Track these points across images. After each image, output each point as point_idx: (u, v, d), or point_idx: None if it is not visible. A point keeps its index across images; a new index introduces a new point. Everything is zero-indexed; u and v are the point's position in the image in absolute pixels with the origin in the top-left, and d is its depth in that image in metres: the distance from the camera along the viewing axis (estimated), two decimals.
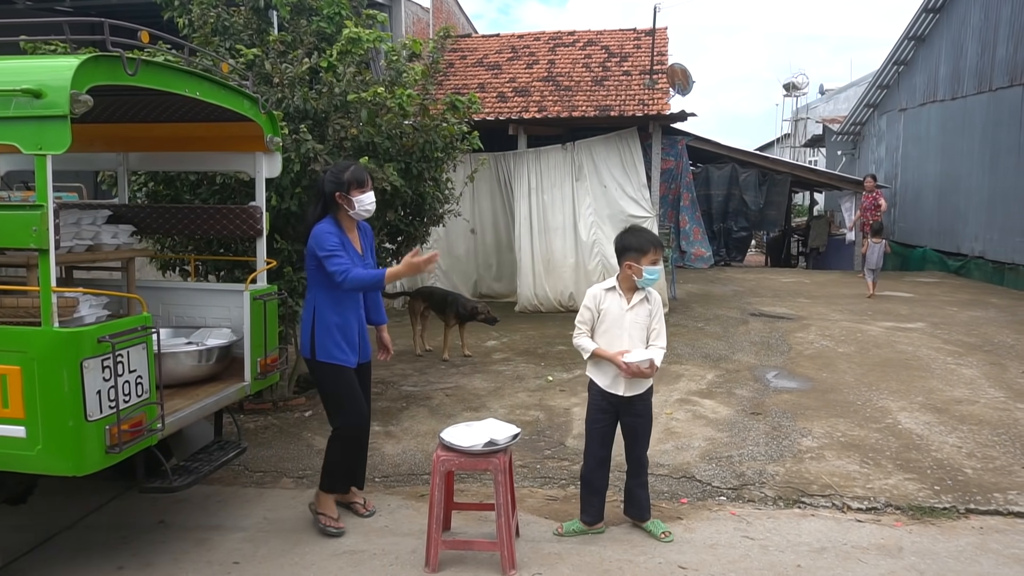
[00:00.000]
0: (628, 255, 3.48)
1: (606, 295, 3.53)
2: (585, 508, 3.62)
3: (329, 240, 3.46)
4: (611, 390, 3.52)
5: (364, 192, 3.57)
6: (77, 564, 3.30)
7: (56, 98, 2.55)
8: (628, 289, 3.53)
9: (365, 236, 3.79)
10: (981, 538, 3.56)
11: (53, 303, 2.69)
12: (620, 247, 3.53)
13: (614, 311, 3.51)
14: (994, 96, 13.24)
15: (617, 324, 3.50)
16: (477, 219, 10.50)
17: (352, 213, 3.58)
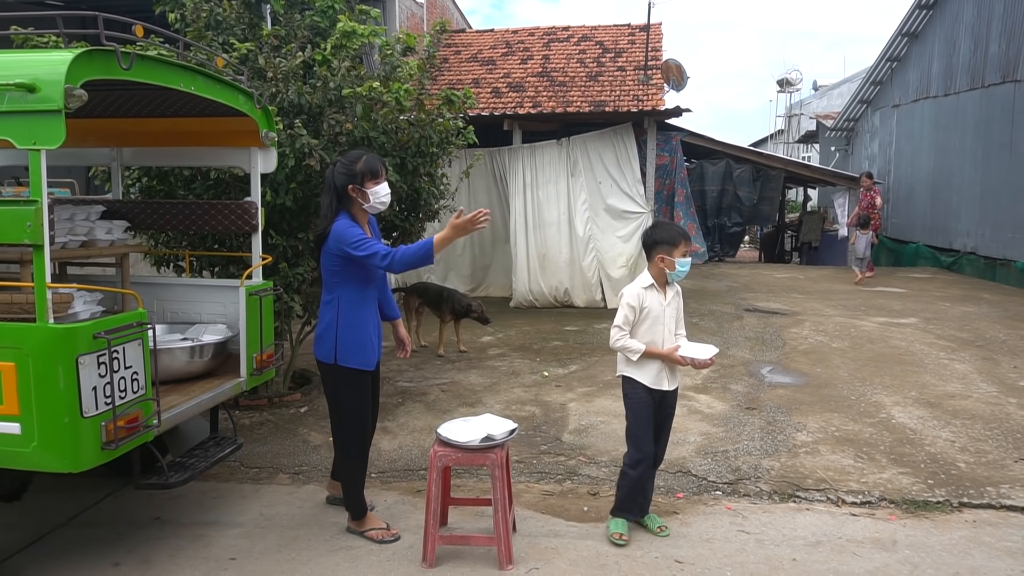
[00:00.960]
0: (660, 248, 3.45)
1: (646, 293, 3.47)
2: (630, 507, 3.56)
3: (352, 232, 3.22)
4: (656, 386, 3.49)
5: (379, 183, 3.34)
6: (73, 561, 3.29)
7: (50, 92, 2.53)
8: (662, 284, 3.51)
9: (374, 230, 3.61)
10: (974, 531, 3.58)
11: (48, 299, 2.68)
12: (651, 241, 3.49)
13: (655, 308, 3.48)
14: (986, 92, 13.30)
15: (659, 320, 3.48)
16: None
17: (367, 206, 3.35)
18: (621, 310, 3.48)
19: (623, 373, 3.55)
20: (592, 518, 3.74)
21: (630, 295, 3.48)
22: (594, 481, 4.20)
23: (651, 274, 3.51)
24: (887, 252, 17.31)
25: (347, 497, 3.51)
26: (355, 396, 3.43)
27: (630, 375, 3.52)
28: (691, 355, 3.42)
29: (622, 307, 3.48)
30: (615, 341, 3.48)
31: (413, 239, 6.17)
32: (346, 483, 3.52)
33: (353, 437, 3.48)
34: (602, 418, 5.24)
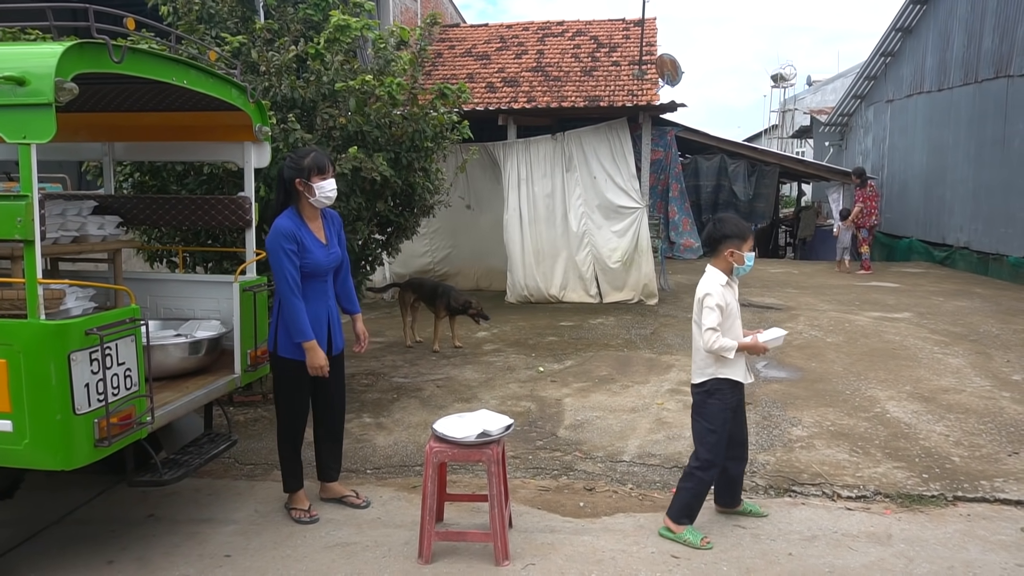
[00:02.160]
0: (729, 243, 3.41)
1: (725, 289, 3.43)
2: (696, 511, 3.49)
3: (283, 244, 3.40)
4: (744, 380, 3.51)
5: (325, 179, 3.49)
6: (66, 559, 3.27)
7: (40, 86, 2.49)
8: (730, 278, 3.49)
9: (331, 223, 3.70)
10: (968, 525, 3.60)
11: (39, 295, 2.65)
12: (719, 236, 3.44)
13: (732, 303, 3.45)
14: (980, 88, 13.33)
15: (734, 314, 3.47)
16: (473, 204, 10.52)
17: (312, 200, 3.50)
18: (711, 312, 3.34)
19: (713, 376, 3.43)
20: (588, 514, 3.74)
21: (716, 295, 3.37)
22: (590, 476, 4.20)
23: (720, 269, 3.47)
24: (880, 247, 17.37)
25: (282, 471, 3.75)
26: (289, 385, 3.60)
27: (722, 375, 3.43)
28: (772, 341, 3.47)
29: (711, 309, 3.35)
30: (713, 344, 3.33)
31: (408, 234, 6.16)
32: (280, 459, 3.73)
33: (285, 422, 3.67)
34: (598, 413, 5.24)
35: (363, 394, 5.72)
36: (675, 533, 3.44)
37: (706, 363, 3.45)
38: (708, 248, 3.53)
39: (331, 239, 3.67)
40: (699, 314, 3.44)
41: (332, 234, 3.69)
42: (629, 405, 5.41)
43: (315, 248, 3.53)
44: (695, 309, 3.49)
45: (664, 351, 7.03)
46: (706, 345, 3.36)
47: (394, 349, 7.20)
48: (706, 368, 3.45)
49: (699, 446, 3.48)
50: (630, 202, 9.55)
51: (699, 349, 3.47)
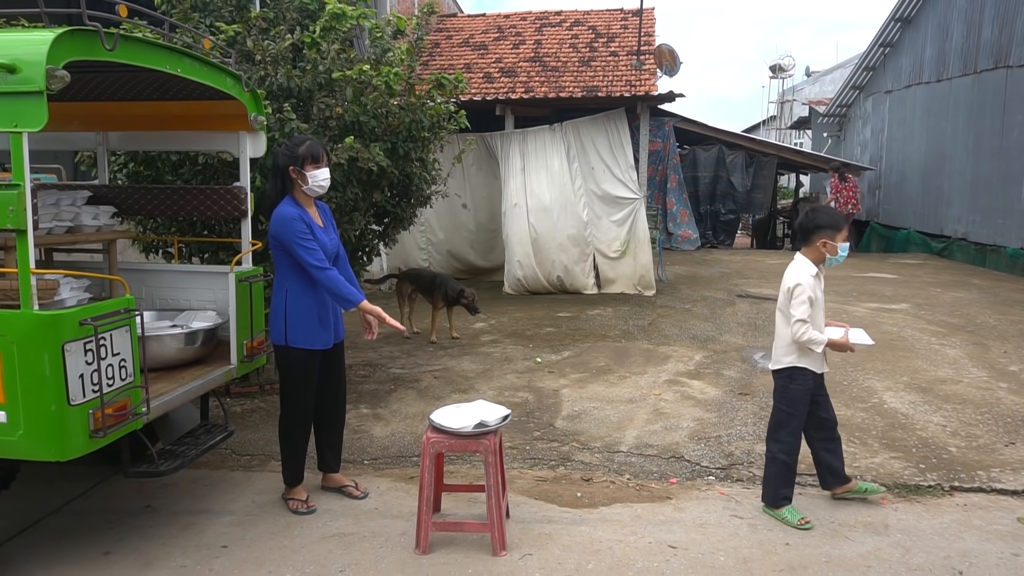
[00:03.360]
0: (823, 233, 3.42)
1: (815, 280, 3.43)
2: (789, 490, 3.57)
3: (297, 228, 3.40)
4: (820, 370, 3.53)
5: (319, 168, 3.49)
6: (62, 550, 3.27)
7: (31, 73, 2.46)
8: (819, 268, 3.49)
9: (323, 212, 3.72)
10: (965, 515, 3.60)
11: (32, 285, 2.63)
12: (812, 226, 3.45)
13: (819, 294, 3.46)
14: (979, 78, 13.30)
15: (820, 305, 3.47)
16: (469, 198, 10.51)
17: (306, 189, 3.50)
18: (801, 304, 3.36)
19: (792, 364, 3.47)
20: (585, 504, 3.74)
21: (807, 286, 3.39)
22: (587, 467, 4.20)
23: (811, 259, 3.48)
24: (878, 238, 17.38)
25: (282, 463, 3.73)
26: (300, 377, 3.59)
27: (801, 365, 3.47)
28: (860, 344, 3.49)
29: (801, 301, 3.36)
30: (801, 335, 3.36)
31: (405, 225, 6.13)
32: (282, 450, 3.71)
33: (292, 413, 3.65)
34: (595, 404, 5.23)
35: (360, 385, 5.71)
36: (775, 511, 3.55)
37: (787, 351, 3.49)
38: (800, 238, 3.54)
39: (328, 225, 3.68)
40: (786, 303, 3.46)
41: (327, 221, 3.71)
42: (627, 396, 5.41)
43: (318, 232, 3.53)
44: (781, 298, 3.51)
45: (662, 342, 7.03)
46: (794, 336, 3.39)
47: (391, 340, 7.19)
48: (786, 356, 3.51)
49: (780, 430, 3.54)
50: (628, 193, 9.53)
51: (781, 336, 3.51)
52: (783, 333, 3.49)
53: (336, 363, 3.77)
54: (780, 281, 3.58)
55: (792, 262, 3.54)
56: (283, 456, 3.73)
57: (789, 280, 3.45)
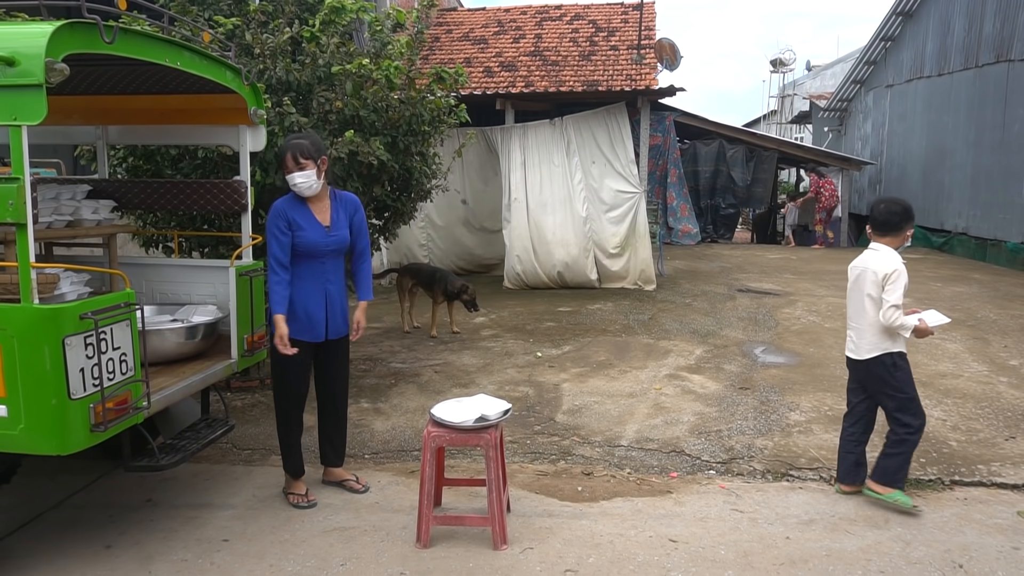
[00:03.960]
0: (912, 223, 3.63)
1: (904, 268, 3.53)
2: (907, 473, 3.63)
3: (273, 222, 3.49)
4: (905, 350, 3.62)
5: (290, 172, 3.48)
6: (64, 544, 3.27)
7: (30, 66, 2.45)
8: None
9: (342, 206, 3.66)
10: (965, 508, 3.61)
11: (32, 279, 2.62)
12: (903, 217, 3.60)
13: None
14: (980, 72, 13.27)
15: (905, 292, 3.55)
16: (469, 192, 10.50)
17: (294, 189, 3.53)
18: (898, 289, 3.47)
19: (888, 350, 3.56)
20: (586, 498, 3.74)
21: (902, 272, 3.50)
22: (588, 461, 4.20)
23: (893, 247, 3.60)
24: None
25: (281, 456, 3.76)
26: (283, 366, 3.60)
27: (897, 349, 3.57)
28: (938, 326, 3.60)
29: (898, 286, 3.47)
30: (895, 319, 3.47)
31: (405, 219, 6.12)
32: (279, 444, 3.74)
33: (279, 403, 3.69)
34: (595, 398, 5.23)
35: (361, 379, 5.71)
36: (883, 494, 3.58)
37: (880, 339, 3.57)
38: (887, 228, 3.62)
39: (338, 222, 3.62)
40: (878, 290, 3.53)
41: (341, 217, 3.64)
42: (627, 390, 5.41)
43: (310, 228, 3.53)
44: (870, 286, 3.57)
45: (662, 336, 7.02)
46: (888, 320, 3.47)
47: (392, 335, 7.19)
48: (880, 343, 3.58)
49: (902, 415, 3.58)
50: (628, 187, 9.51)
51: (872, 325, 3.58)
52: (874, 320, 3.56)
53: (332, 358, 3.74)
54: (782, 275, 3.58)
55: (872, 252, 3.64)
56: (280, 449, 3.75)
57: (883, 267, 3.53)
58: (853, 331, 3.71)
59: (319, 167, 3.52)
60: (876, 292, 3.54)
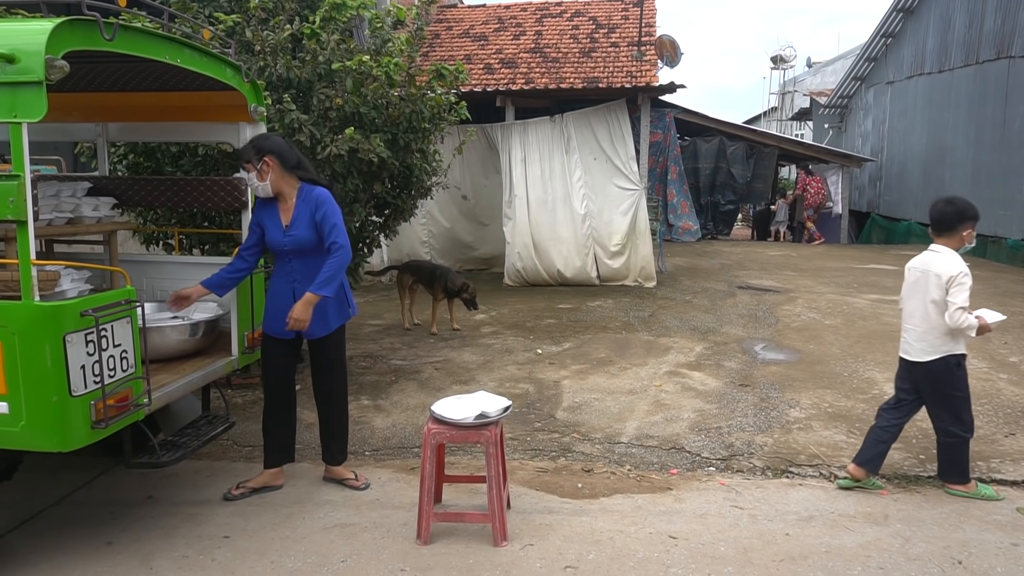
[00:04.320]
0: (970, 223, 3.59)
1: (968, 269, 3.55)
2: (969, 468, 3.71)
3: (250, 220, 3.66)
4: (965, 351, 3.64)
5: (246, 173, 3.54)
6: (65, 540, 3.28)
7: (30, 63, 2.45)
8: None
9: (306, 204, 3.53)
10: (964, 505, 3.61)
11: (33, 276, 2.62)
12: (962, 216, 3.59)
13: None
14: (980, 69, 13.25)
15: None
16: (469, 188, 10.50)
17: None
18: (964, 291, 3.48)
19: (951, 352, 3.58)
20: (586, 495, 3.75)
21: (967, 273, 3.51)
22: (588, 458, 4.21)
23: (953, 248, 3.60)
24: (879, 230, 17.36)
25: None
26: (263, 356, 3.74)
27: (960, 351, 3.60)
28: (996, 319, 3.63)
29: (964, 287, 3.48)
30: (962, 320, 3.48)
31: (406, 216, 6.12)
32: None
33: (264, 394, 3.76)
34: (596, 395, 5.24)
35: (361, 376, 5.72)
36: (969, 491, 3.66)
37: (943, 340, 3.59)
38: (943, 227, 3.63)
39: (297, 221, 3.52)
40: (941, 292, 3.53)
41: (303, 216, 3.51)
42: (627, 387, 5.42)
43: (272, 228, 3.56)
44: (934, 289, 3.57)
45: (662, 333, 7.03)
46: (956, 323, 3.49)
47: (392, 332, 7.19)
48: (943, 345, 3.59)
49: (956, 415, 3.63)
50: (628, 184, 9.51)
51: (934, 327, 3.60)
52: (938, 323, 3.57)
53: (317, 358, 3.72)
54: (782, 272, 3.60)
55: (933, 254, 3.65)
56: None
57: (947, 269, 3.53)
58: (911, 333, 3.71)
59: (260, 169, 3.46)
60: (940, 295, 3.54)
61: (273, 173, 3.50)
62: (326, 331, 3.65)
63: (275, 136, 3.64)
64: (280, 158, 3.50)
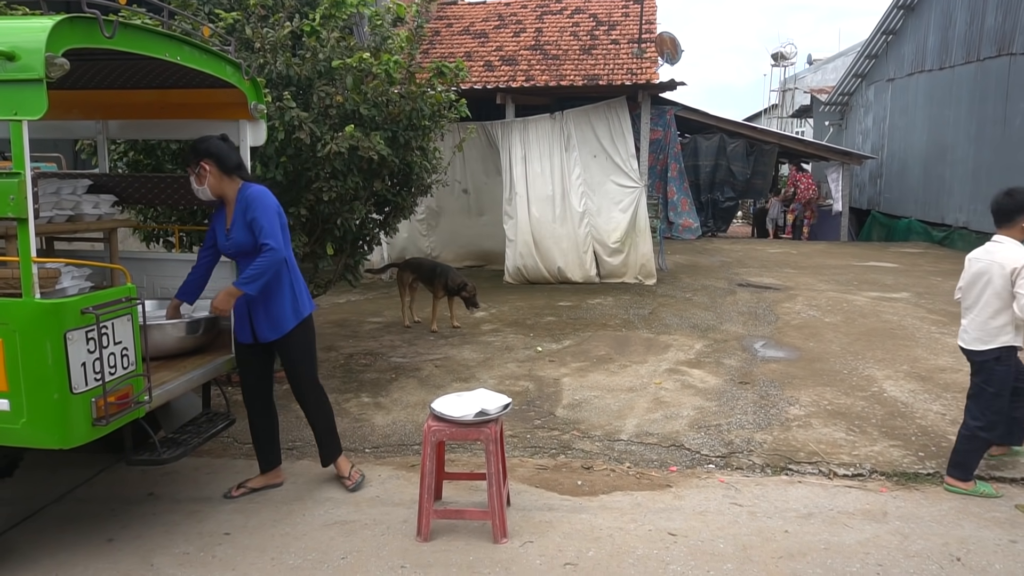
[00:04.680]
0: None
1: None
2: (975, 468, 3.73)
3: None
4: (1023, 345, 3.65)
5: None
6: (66, 537, 3.29)
7: (30, 61, 2.46)
8: None
9: (240, 207, 3.45)
10: (963, 502, 3.62)
11: (34, 274, 2.63)
12: (1016, 207, 3.58)
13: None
14: (981, 66, 13.24)
15: None
16: (469, 183, 10.51)
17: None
18: None
19: (1005, 344, 3.59)
20: (586, 492, 3.76)
21: None
22: (587, 455, 4.22)
23: (1017, 239, 3.59)
24: (879, 227, 17.36)
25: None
26: (237, 364, 3.73)
27: (1012, 344, 3.59)
28: None
29: None
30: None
31: (406, 214, 6.12)
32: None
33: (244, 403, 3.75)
34: (595, 393, 5.25)
35: (361, 374, 5.73)
36: (966, 489, 3.68)
37: (999, 331, 3.59)
38: (1003, 218, 3.63)
39: (235, 225, 3.46)
40: (1005, 283, 3.51)
41: (239, 219, 3.44)
42: (627, 385, 5.43)
43: (218, 232, 3.57)
44: (997, 280, 3.55)
45: (662, 331, 7.03)
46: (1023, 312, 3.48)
47: (392, 329, 7.20)
48: (998, 337, 3.59)
49: (982, 410, 3.64)
50: (629, 182, 9.51)
51: (994, 317, 3.58)
52: (998, 313, 3.56)
53: (283, 359, 3.67)
54: (782, 270, 3.60)
55: (996, 244, 3.63)
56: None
57: (1011, 261, 3.53)
58: (970, 323, 3.72)
59: (198, 173, 3.43)
60: (1003, 284, 3.54)
61: (211, 177, 3.43)
62: (278, 334, 3.56)
63: (214, 139, 3.49)
64: (218, 161, 3.41)
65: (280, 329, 3.56)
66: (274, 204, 3.46)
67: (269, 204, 3.43)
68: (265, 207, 3.41)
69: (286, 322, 3.56)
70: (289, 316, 3.57)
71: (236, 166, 3.49)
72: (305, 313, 3.64)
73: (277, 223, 3.43)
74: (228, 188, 3.48)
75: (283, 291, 3.55)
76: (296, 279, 3.61)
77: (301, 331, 3.62)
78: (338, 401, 5.11)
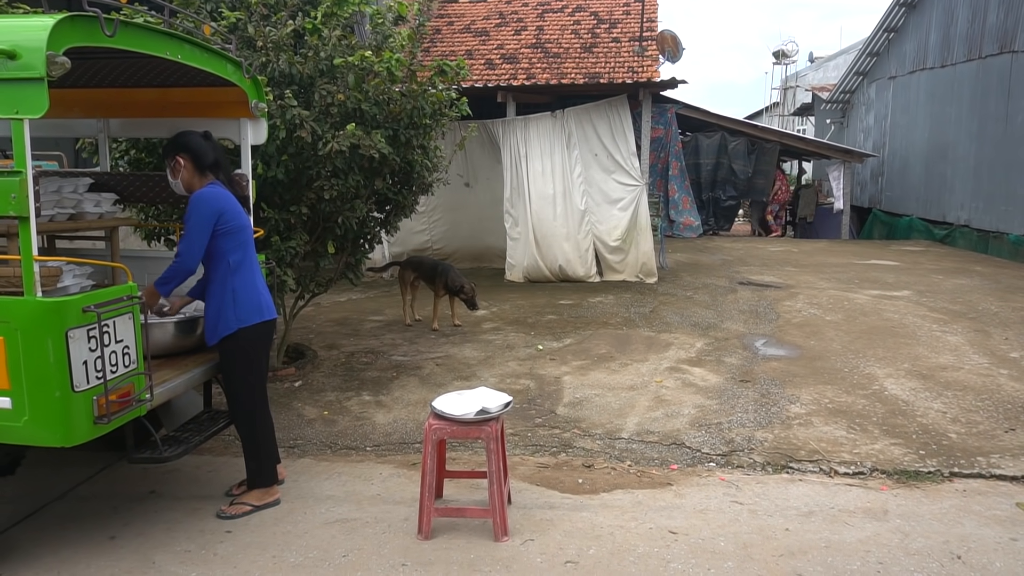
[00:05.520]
0: None
1: None
2: None
3: None
4: None
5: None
6: (68, 534, 3.30)
7: (31, 59, 2.46)
8: None
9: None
10: (964, 500, 3.62)
11: (35, 272, 2.64)
12: None
13: None
14: (983, 64, 13.21)
15: None
16: (470, 178, 10.51)
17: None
18: None
19: None
20: (587, 490, 3.76)
21: None
22: (588, 453, 4.22)
23: None
24: (881, 225, 17.34)
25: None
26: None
27: None
28: None
29: None
30: None
31: (407, 212, 6.12)
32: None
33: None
34: (596, 391, 5.25)
35: (362, 372, 5.73)
36: None
37: None
38: None
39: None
40: None
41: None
42: (628, 383, 5.43)
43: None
44: None
45: (663, 329, 7.03)
46: None
47: (393, 328, 7.21)
48: None
49: None
50: (630, 180, 9.50)
51: None
52: None
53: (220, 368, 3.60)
54: (783, 268, 3.60)
55: None
56: None
57: None
58: None
59: (172, 167, 3.39)
60: None
61: (185, 172, 3.38)
62: (213, 339, 3.45)
63: (194, 134, 3.42)
64: (194, 158, 3.37)
65: (215, 334, 3.43)
66: (210, 210, 3.29)
67: (203, 210, 3.28)
68: (197, 212, 3.28)
69: (221, 327, 3.40)
70: (223, 323, 3.40)
71: (211, 164, 3.43)
72: (247, 323, 3.41)
73: (205, 230, 3.28)
74: (198, 185, 3.40)
75: (223, 297, 3.39)
76: (242, 287, 3.41)
77: (237, 342, 3.42)
78: (339, 399, 5.12)
